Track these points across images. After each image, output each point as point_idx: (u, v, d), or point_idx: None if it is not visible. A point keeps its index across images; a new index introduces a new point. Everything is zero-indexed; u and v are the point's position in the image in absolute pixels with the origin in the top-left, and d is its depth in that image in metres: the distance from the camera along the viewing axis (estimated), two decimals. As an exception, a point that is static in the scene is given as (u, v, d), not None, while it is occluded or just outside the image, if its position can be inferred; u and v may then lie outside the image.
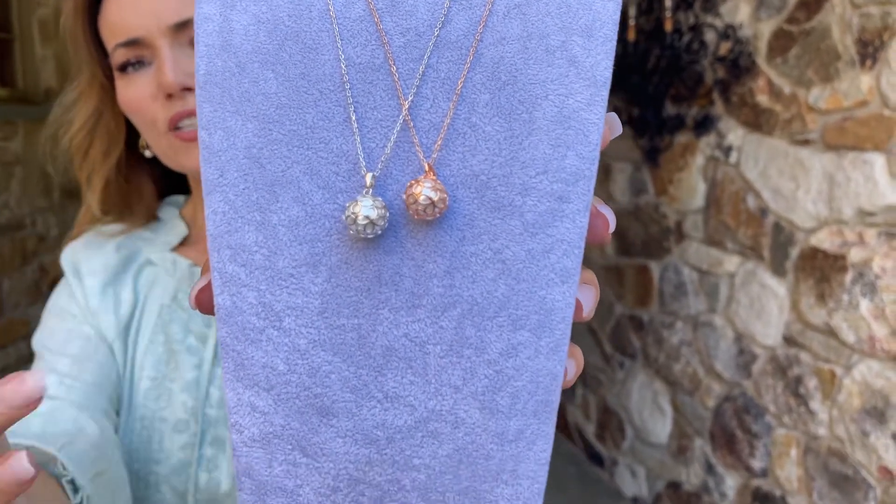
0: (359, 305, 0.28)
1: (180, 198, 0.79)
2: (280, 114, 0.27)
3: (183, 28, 0.62)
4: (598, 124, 0.27)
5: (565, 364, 0.28)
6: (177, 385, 0.67)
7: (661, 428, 2.41)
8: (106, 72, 0.68)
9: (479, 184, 0.27)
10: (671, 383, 2.34)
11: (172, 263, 0.71)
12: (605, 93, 0.27)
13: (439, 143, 0.27)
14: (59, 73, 3.44)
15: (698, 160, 2.16)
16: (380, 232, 0.26)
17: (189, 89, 0.62)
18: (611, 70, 0.27)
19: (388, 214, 0.27)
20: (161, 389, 0.67)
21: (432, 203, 0.26)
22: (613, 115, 0.30)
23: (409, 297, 0.28)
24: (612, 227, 0.28)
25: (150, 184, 0.75)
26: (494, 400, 0.28)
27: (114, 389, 0.67)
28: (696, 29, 2.07)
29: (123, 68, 0.64)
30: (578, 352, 0.30)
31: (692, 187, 2.19)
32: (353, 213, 0.26)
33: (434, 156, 0.27)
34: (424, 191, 0.26)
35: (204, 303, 0.29)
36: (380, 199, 0.27)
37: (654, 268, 2.42)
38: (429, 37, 0.28)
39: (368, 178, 0.27)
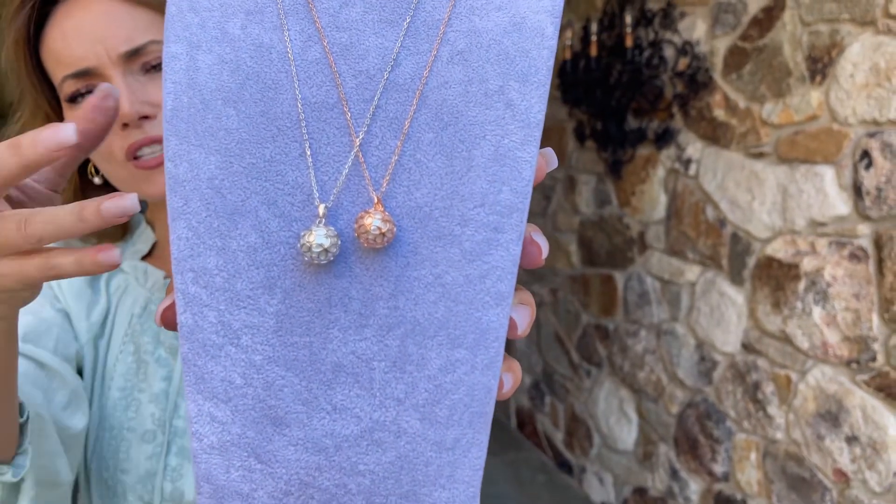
0: (311, 325, 0.30)
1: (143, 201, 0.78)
2: (241, 148, 0.30)
3: (134, 56, 0.60)
4: (531, 162, 0.30)
5: (501, 378, 0.31)
6: (145, 396, 0.68)
7: (627, 435, 2.44)
8: (51, 102, 0.66)
9: (422, 215, 0.30)
10: (636, 391, 2.38)
11: (144, 273, 0.71)
12: (538, 133, 0.30)
13: (387, 177, 0.30)
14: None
15: (659, 172, 2.20)
16: (332, 258, 0.29)
17: (146, 117, 0.61)
18: (543, 112, 0.30)
19: (339, 242, 0.29)
20: (130, 400, 0.68)
21: (381, 233, 0.29)
22: (550, 150, 0.33)
23: (357, 317, 0.30)
24: (545, 254, 0.31)
25: None
26: (433, 411, 0.30)
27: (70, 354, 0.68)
28: (656, 45, 2.12)
29: (73, 99, 0.62)
30: (516, 366, 0.33)
31: (654, 199, 2.24)
32: (308, 241, 0.29)
33: (382, 189, 0.30)
34: (374, 222, 0.29)
35: (169, 320, 0.31)
36: (332, 228, 0.29)
37: (619, 277, 2.46)
38: (379, 79, 0.30)
39: (321, 209, 0.29)
